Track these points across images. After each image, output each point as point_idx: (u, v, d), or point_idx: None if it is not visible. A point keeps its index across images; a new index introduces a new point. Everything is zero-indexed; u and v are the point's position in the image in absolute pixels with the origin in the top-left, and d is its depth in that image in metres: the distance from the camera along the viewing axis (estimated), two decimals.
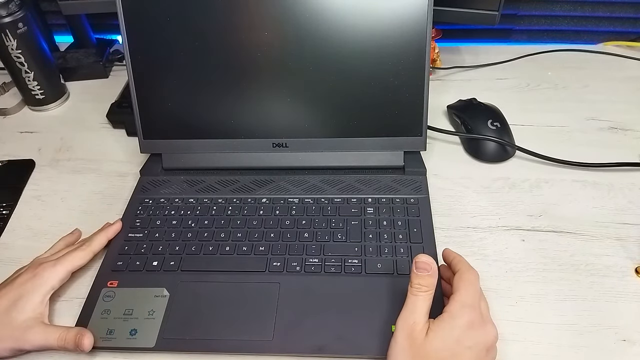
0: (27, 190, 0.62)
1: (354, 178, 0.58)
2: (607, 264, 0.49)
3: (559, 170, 0.60)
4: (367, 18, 0.53)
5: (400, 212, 0.53)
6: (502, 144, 0.61)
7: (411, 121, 0.56)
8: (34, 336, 0.42)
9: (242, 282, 0.48)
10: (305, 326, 0.44)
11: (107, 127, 0.71)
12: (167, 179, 0.59)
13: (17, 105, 0.76)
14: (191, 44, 0.55)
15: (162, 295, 0.47)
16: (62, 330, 0.42)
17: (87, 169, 0.64)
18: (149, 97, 0.57)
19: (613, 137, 0.65)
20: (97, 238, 0.50)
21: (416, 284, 0.39)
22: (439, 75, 0.79)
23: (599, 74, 0.77)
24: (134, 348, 0.43)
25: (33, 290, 0.44)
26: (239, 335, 0.44)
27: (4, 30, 0.66)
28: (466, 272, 0.41)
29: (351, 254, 0.49)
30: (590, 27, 0.85)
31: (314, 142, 0.58)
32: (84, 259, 0.48)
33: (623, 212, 0.54)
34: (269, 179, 0.58)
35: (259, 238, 0.51)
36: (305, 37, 0.54)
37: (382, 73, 0.55)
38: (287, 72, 0.55)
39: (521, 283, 0.48)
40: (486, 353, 0.38)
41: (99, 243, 0.50)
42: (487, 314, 0.40)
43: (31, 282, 0.44)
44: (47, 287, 0.45)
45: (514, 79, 0.77)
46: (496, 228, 0.54)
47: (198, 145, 0.59)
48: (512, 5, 0.82)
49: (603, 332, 0.44)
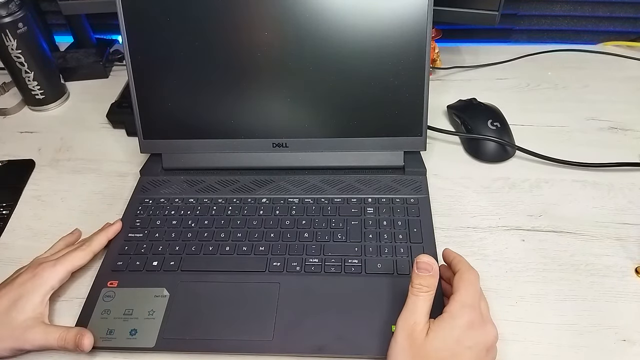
0: (27, 190, 0.62)
1: (354, 178, 0.58)
2: (607, 264, 0.49)
3: (559, 170, 0.60)
4: (367, 18, 0.53)
5: (400, 212, 0.53)
6: (502, 144, 0.61)
7: (411, 121, 0.56)
8: (34, 336, 0.42)
9: (242, 282, 0.48)
10: (305, 326, 0.44)
11: (107, 127, 0.71)
12: (167, 179, 0.59)
13: (17, 105, 0.76)
14: (191, 43, 0.55)
15: (162, 295, 0.47)
16: (62, 330, 0.42)
17: (87, 169, 0.64)
18: (149, 97, 0.57)
19: (613, 137, 0.65)
20: (97, 238, 0.50)
21: (417, 284, 0.39)
22: (439, 75, 0.79)
23: (599, 74, 0.77)
24: (134, 348, 0.43)
25: (33, 290, 0.44)
26: (239, 335, 0.44)
27: (4, 30, 0.66)
28: (466, 272, 0.41)
29: (351, 254, 0.49)
30: (590, 27, 0.85)
31: (314, 142, 0.58)
32: (83, 259, 0.48)
33: (623, 212, 0.54)
34: (269, 179, 0.58)
35: (259, 238, 0.51)
36: (305, 37, 0.54)
37: (382, 73, 0.55)
38: (287, 72, 0.55)
39: (521, 283, 0.48)
40: (486, 353, 0.38)
41: (99, 243, 0.50)
42: (487, 314, 0.40)
43: (31, 282, 0.44)
44: (47, 287, 0.45)
45: (514, 79, 0.77)
46: (496, 228, 0.54)
47: (198, 145, 0.59)
48: (512, 5, 0.82)
49: (603, 332, 0.44)
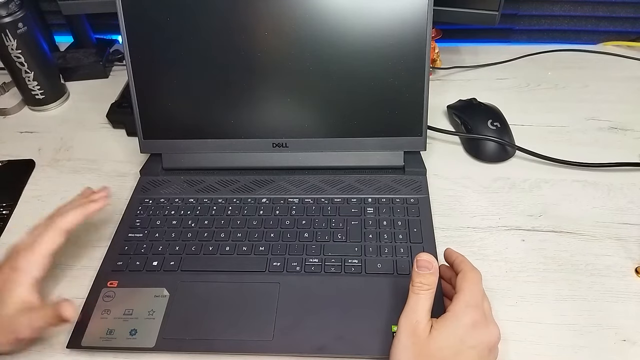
0: (27, 190, 0.62)
1: (354, 178, 0.58)
2: (607, 264, 0.49)
3: (559, 170, 0.60)
4: (367, 18, 0.53)
5: (400, 212, 0.53)
6: (502, 144, 0.61)
7: (411, 121, 0.56)
8: (21, 324, 0.42)
9: (242, 282, 0.48)
10: (305, 326, 0.44)
11: (107, 127, 0.71)
12: (167, 179, 0.59)
13: (17, 105, 0.76)
14: (191, 44, 0.55)
15: (162, 295, 0.47)
16: (43, 311, 0.42)
17: (87, 169, 0.64)
18: (149, 97, 0.57)
19: (613, 137, 0.65)
20: (71, 214, 0.47)
21: (417, 282, 0.39)
22: (439, 75, 0.79)
23: (599, 74, 0.77)
24: (134, 348, 0.43)
25: (16, 284, 0.43)
26: (239, 335, 0.44)
27: (4, 30, 0.66)
28: (469, 272, 0.41)
29: (351, 254, 0.49)
30: (590, 27, 0.85)
31: (314, 142, 0.58)
32: (58, 239, 0.46)
33: (623, 212, 0.54)
34: (269, 179, 0.58)
35: (259, 238, 0.51)
36: (305, 37, 0.54)
37: (382, 73, 0.55)
38: (287, 72, 0.55)
39: (521, 283, 0.48)
40: (488, 353, 0.38)
41: (72, 220, 0.47)
42: (490, 314, 0.40)
43: (11, 277, 0.43)
44: (29, 278, 0.43)
45: (514, 79, 0.77)
46: (496, 228, 0.54)
47: (198, 145, 0.59)
48: (512, 5, 0.82)
49: (603, 332, 0.44)
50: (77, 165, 0.65)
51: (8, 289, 0.43)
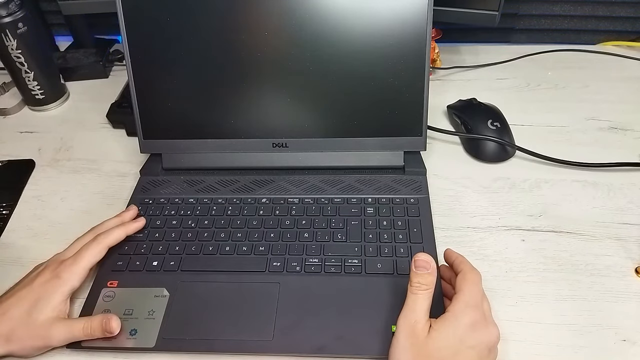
0: (27, 190, 0.62)
1: (354, 178, 0.58)
2: (607, 264, 0.49)
3: (559, 170, 0.60)
4: (367, 18, 0.53)
5: (400, 212, 0.53)
6: (502, 144, 0.61)
7: (411, 121, 0.56)
8: (57, 332, 0.42)
9: (242, 282, 0.48)
10: (305, 326, 0.44)
11: (107, 127, 0.71)
12: (167, 179, 0.59)
13: (17, 105, 0.76)
14: (191, 44, 0.55)
15: (162, 295, 0.47)
16: (84, 321, 0.43)
17: (87, 169, 0.64)
18: (149, 97, 0.57)
19: (613, 137, 0.65)
20: (115, 232, 0.49)
21: (416, 282, 0.39)
22: (439, 75, 0.79)
23: (599, 74, 0.77)
24: (134, 348, 0.43)
25: (54, 291, 0.44)
26: (239, 335, 0.44)
27: (4, 30, 0.66)
28: (469, 272, 0.41)
29: (351, 254, 0.49)
30: (590, 27, 0.85)
31: (314, 142, 0.58)
32: (100, 254, 0.48)
33: (623, 212, 0.54)
34: (269, 179, 0.58)
35: (259, 238, 0.51)
36: (305, 37, 0.54)
37: (382, 73, 0.55)
38: (287, 72, 0.55)
39: (521, 283, 0.48)
40: (488, 353, 0.38)
41: (116, 238, 0.49)
42: (489, 315, 0.40)
43: (51, 283, 0.44)
44: (68, 287, 0.45)
45: (514, 79, 0.77)
46: (496, 228, 0.54)
47: (198, 145, 0.59)
48: (512, 5, 0.82)
49: (603, 332, 0.44)
50: (77, 165, 0.65)
51: (47, 295, 0.44)
